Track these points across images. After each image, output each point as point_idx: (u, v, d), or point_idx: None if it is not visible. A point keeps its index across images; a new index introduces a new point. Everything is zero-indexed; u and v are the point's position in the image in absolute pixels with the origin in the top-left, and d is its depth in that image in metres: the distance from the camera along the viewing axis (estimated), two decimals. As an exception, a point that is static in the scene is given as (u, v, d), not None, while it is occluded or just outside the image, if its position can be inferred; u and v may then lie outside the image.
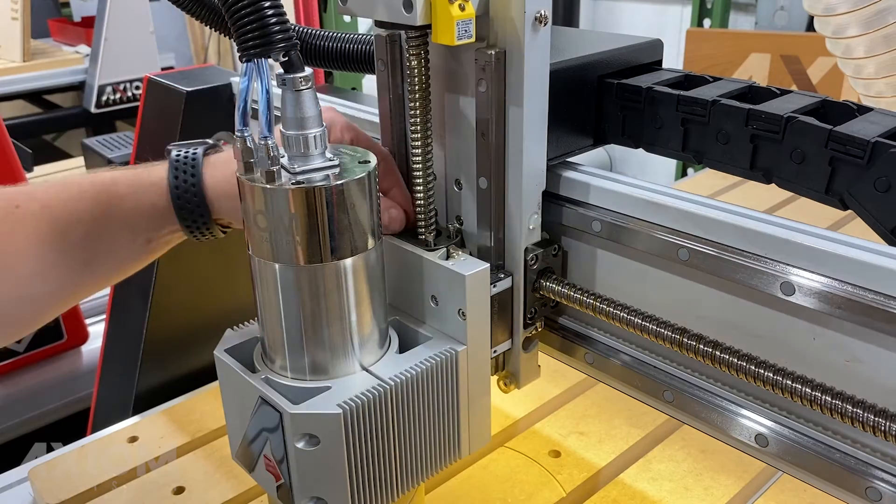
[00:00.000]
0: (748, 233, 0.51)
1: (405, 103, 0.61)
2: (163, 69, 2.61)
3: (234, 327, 0.60)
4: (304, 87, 0.49)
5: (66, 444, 0.94)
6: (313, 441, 0.51)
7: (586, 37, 0.68)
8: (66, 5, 3.34)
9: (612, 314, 0.58)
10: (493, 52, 0.53)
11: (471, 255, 0.60)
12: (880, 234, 0.50)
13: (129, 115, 2.75)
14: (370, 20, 0.55)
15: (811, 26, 2.02)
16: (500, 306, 0.61)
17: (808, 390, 0.48)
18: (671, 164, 2.56)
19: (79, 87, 2.79)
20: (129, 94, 2.74)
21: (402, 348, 0.58)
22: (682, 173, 2.33)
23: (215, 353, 0.58)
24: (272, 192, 0.48)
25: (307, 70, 0.49)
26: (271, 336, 0.54)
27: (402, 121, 0.62)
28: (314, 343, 0.53)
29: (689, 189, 0.74)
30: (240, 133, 0.48)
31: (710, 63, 2.05)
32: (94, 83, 2.67)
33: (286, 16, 0.49)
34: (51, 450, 0.93)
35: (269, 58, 0.49)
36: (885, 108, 0.53)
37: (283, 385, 0.53)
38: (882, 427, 0.45)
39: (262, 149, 0.48)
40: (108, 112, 2.73)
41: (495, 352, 0.63)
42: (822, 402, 0.47)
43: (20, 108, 2.88)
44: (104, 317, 1.24)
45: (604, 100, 0.62)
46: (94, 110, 2.69)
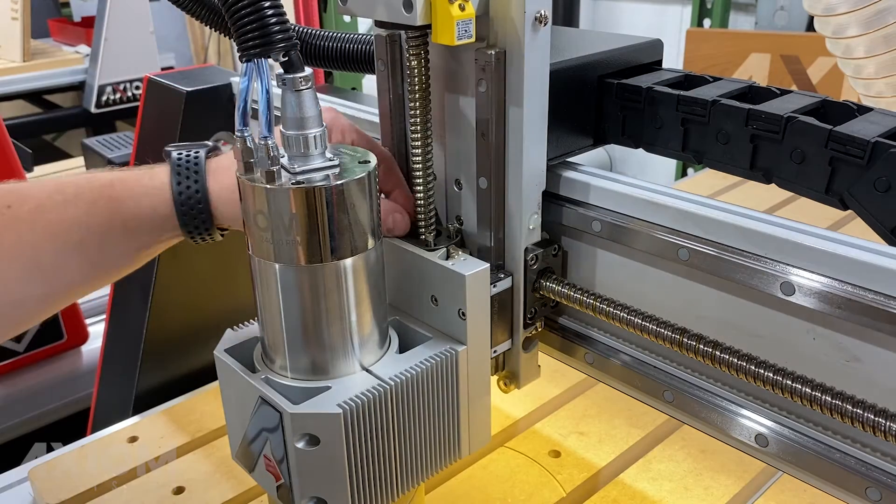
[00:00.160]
0: (748, 233, 0.51)
1: (405, 103, 0.61)
2: (163, 69, 2.61)
3: (234, 327, 0.60)
4: (304, 87, 0.49)
5: (66, 444, 0.94)
6: (313, 441, 0.51)
7: (586, 37, 0.68)
8: (66, 5, 3.34)
9: (612, 314, 0.58)
10: (493, 52, 0.53)
11: (471, 255, 0.60)
12: (880, 234, 0.50)
13: (129, 115, 2.75)
14: (370, 20, 0.55)
15: (811, 26, 2.02)
16: (500, 306, 0.61)
17: (808, 390, 0.48)
18: (671, 164, 2.56)
19: (79, 87, 2.79)
20: (129, 94, 2.74)
21: (402, 348, 0.58)
22: (682, 173, 2.33)
23: (215, 353, 0.58)
24: (272, 192, 0.48)
25: (307, 70, 0.49)
26: (271, 336, 0.54)
27: (402, 121, 0.62)
28: (314, 343, 0.53)
29: (689, 189, 0.74)
30: (240, 133, 0.48)
31: (710, 63, 2.05)
32: (94, 83, 2.67)
33: (286, 16, 0.49)
34: (51, 450, 0.93)
35: (269, 58, 0.49)
36: (885, 108, 0.53)
37: (283, 385, 0.53)
38: (882, 427, 0.45)
39: (262, 149, 0.48)
40: (108, 112, 2.73)
41: (495, 352, 0.63)
42: (822, 402, 0.47)
43: (20, 108, 2.88)
44: (104, 317, 1.24)
45: (604, 100, 0.62)
46: (94, 110, 2.69)
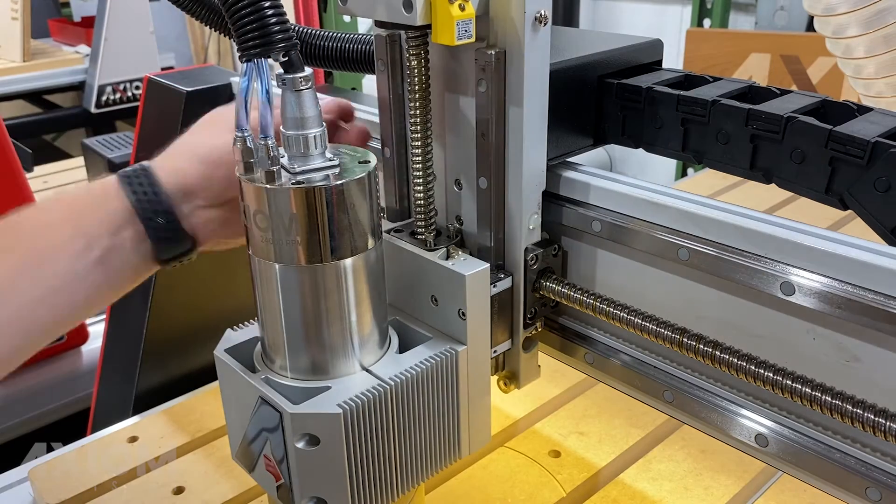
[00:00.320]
0: (748, 233, 0.51)
1: (405, 103, 0.61)
2: (163, 69, 2.61)
3: (234, 327, 0.60)
4: (304, 87, 0.49)
5: (66, 444, 0.94)
6: (313, 441, 0.51)
7: (586, 37, 0.68)
8: (66, 5, 3.34)
9: (612, 314, 0.58)
10: (493, 52, 0.53)
11: (471, 255, 0.60)
12: (880, 234, 0.50)
13: (129, 115, 2.75)
14: (370, 20, 0.55)
15: (811, 26, 2.02)
16: (500, 306, 0.61)
17: (808, 390, 0.48)
18: (671, 164, 2.56)
19: (79, 87, 2.80)
20: (129, 94, 2.74)
21: (402, 348, 0.58)
22: (682, 173, 2.33)
23: (215, 353, 0.58)
24: (272, 192, 0.48)
25: (307, 70, 0.49)
26: (271, 336, 0.54)
27: (402, 121, 0.62)
28: (314, 343, 0.53)
29: (689, 189, 0.74)
30: (240, 133, 0.48)
31: (710, 63, 2.05)
32: (94, 83, 2.67)
33: (286, 16, 0.49)
34: (51, 450, 0.93)
35: (269, 58, 0.49)
36: (885, 108, 0.53)
37: (283, 385, 0.53)
38: (882, 427, 0.45)
39: (262, 149, 0.48)
40: (108, 112, 2.73)
41: (495, 352, 0.63)
42: (822, 402, 0.47)
43: (20, 108, 2.88)
44: (104, 317, 1.24)
45: (604, 100, 0.62)
46: (94, 110, 2.69)
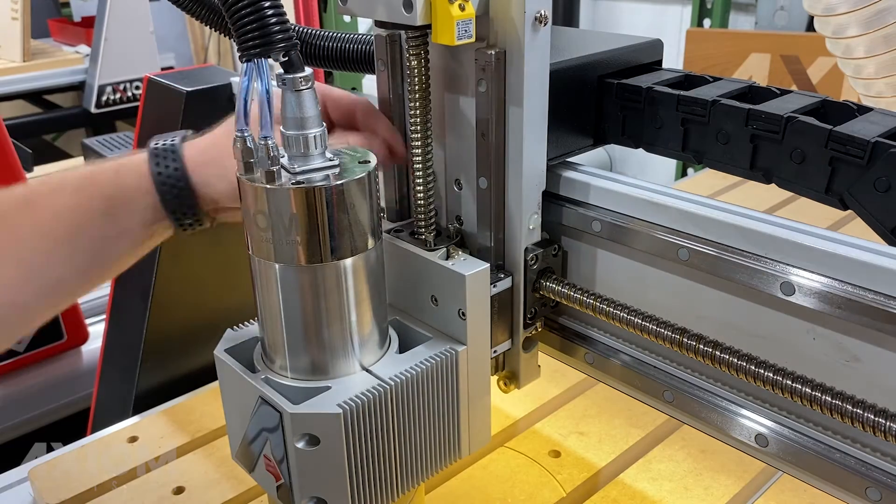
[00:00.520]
0: (748, 233, 0.51)
1: (405, 103, 0.61)
2: (163, 69, 2.61)
3: (234, 327, 0.60)
4: (304, 87, 0.49)
5: (66, 444, 0.94)
6: (313, 441, 0.51)
7: (586, 37, 0.68)
8: (66, 5, 3.34)
9: (612, 314, 0.58)
10: (493, 52, 0.53)
11: (471, 255, 0.60)
12: (880, 234, 0.50)
13: (129, 115, 2.75)
14: (370, 20, 0.55)
15: (811, 26, 2.02)
16: (500, 306, 0.61)
17: (808, 390, 0.48)
18: (671, 164, 2.55)
19: (79, 87, 2.79)
20: (129, 94, 2.74)
21: (402, 348, 0.58)
22: (682, 173, 2.33)
23: (215, 353, 0.58)
24: (272, 192, 0.48)
25: (307, 70, 0.49)
26: (271, 336, 0.54)
27: (402, 121, 0.62)
28: (314, 343, 0.53)
29: (689, 189, 0.74)
30: (240, 133, 0.48)
31: (710, 63, 2.05)
32: (94, 83, 2.67)
33: (286, 16, 0.49)
34: (51, 450, 0.93)
35: (269, 58, 0.49)
36: (885, 108, 0.53)
37: (283, 385, 0.53)
38: (882, 427, 0.45)
39: (262, 149, 0.48)
40: (108, 112, 2.73)
41: (495, 352, 0.63)
42: (822, 402, 0.47)
43: (20, 108, 2.88)
44: (104, 317, 1.24)
45: (604, 100, 0.62)
46: (94, 110, 2.69)
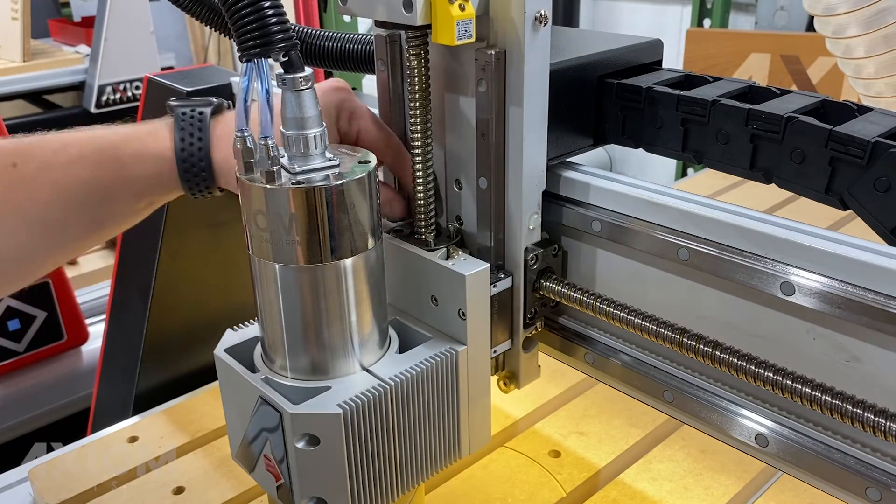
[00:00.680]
0: (748, 233, 0.51)
1: (405, 103, 0.61)
2: (163, 69, 2.61)
3: (234, 327, 0.60)
4: (304, 87, 0.49)
5: (66, 444, 0.94)
6: (313, 441, 0.51)
7: (586, 37, 0.68)
8: (66, 5, 3.33)
9: (612, 314, 0.58)
10: (493, 52, 0.53)
11: (471, 255, 0.60)
12: (880, 234, 0.50)
13: (129, 115, 2.75)
14: (370, 20, 0.55)
15: (811, 26, 2.02)
16: (500, 306, 0.61)
17: (808, 390, 0.48)
18: (671, 164, 2.56)
19: (79, 87, 2.79)
20: (129, 94, 2.73)
21: (402, 348, 0.58)
22: (682, 173, 2.33)
23: (215, 353, 0.58)
24: (272, 192, 0.48)
25: (307, 70, 0.49)
26: (271, 336, 0.54)
27: (402, 121, 0.62)
28: (314, 343, 0.53)
29: (689, 189, 0.74)
30: (240, 133, 0.48)
31: (710, 63, 2.05)
32: (94, 83, 2.66)
33: (286, 16, 0.49)
34: (51, 450, 0.93)
35: (269, 58, 0.49)
36: (885, 108, 0.53)
37: (283, 385, 0.53)
38: (882, 427, 0.45)
39: (262, 149, 0.48)
40: (108, 112, 2.73)
41: (495, 352, 0.63)
42: (822, 402, 0.47)
43: (20, 108, 2.88)
44: (104, 317, 1.24)
45: (604, 100, 0.62)
46: (94, 110, 2.69)
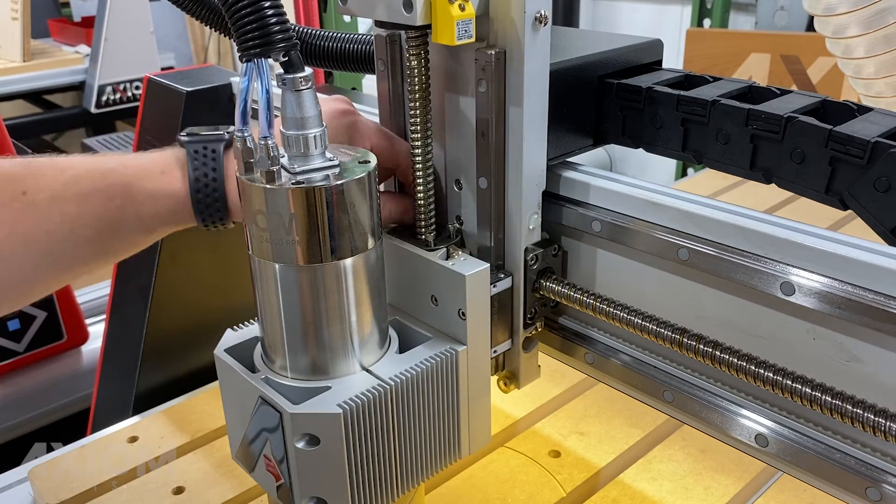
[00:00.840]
0: (748, 233, 0.51)
1: (405, 103, 0.61)
2: (163, 69, 2.61)
3: (234, 327, 0.60)
4: (304, 87, 0.49)
5: (66, 444, 0.94)
6: (313, 441, 0.51)
7: (586, 37, 0.68)
8: (66, 5, 3.34)
9: (612, 314, 0.58)
10: (493, 52, 0.53)
11: (471, 255, 0.60)
12: (880, 234, 0.50)
13: (129, 115, 2.75)
14: (370, 20, 0.55)
15: (811, 26, 2.02)
16: (500, 306, 0.61)
17: (808, 390, 0.48)
18: (671, 164, 2.56)
19: (79, 87, 2.79)
20: (129, 94, 2.74)
21: (402, 348, 0.58)
22: (682, 173, 2.33)
23: (215, 353, 0.58)
24: (272, 192, 0.48)
25: (307, 70, 0.49)
26: (271, 336, 0.54)
27: (402, 121, 0.62)
28: (314, 343, 0.53)
29: (689, 189, 0.74)
30: (240, 133, 0.48)
31: (710, 63, 2.05)
32: (94, 83, 2.67)
33: (286, 16, 0.49)
34: (51, 450, 0.93)
35: (269, 58, 0.49)
36: (885, 108, 0.53)
37: (283, 385, 0.53)
38: (882, 427, 0.45)
39: (262, 149, 0.48)
40: (108, 112, 2.73)
41: (495, 352, 0.63)
42: (822, 402, 0.47)
43: (20, 108, 2.88)
44: (104, 317, 1.24)
45: (604, 100, 0.62)
46: (94, 110, 2.69)
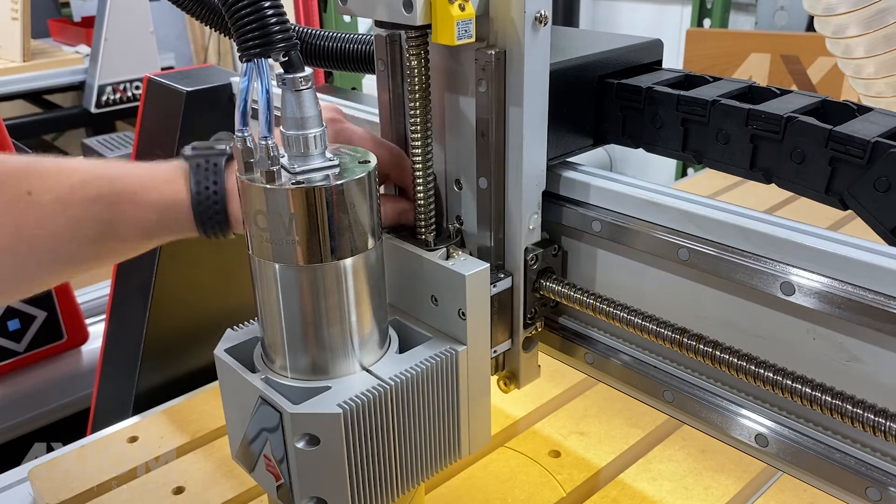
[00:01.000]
0: (748, 233, 0.51)
1: (405, 103, 0.61)
2: (163, 69, 2.61)
3: (234, 327, 0.60)
4: (304, 87, 0.49)
5: (66, 444, 0.94)
6: (313, 441, 0.51)
7: (586, 37, 0.68)
8: (66, 5, 3.34)
9: (612, 314, 0.58)
10: (493, 52, 0.53)
11: (471, 255, 0.60)
12: (880, 234, 0.50)
13: (129, 115, 2.75)
14: (370, 20, 0.55)
15: (811, 26, 2.02)
16: (500, 306, 0.61)
17: (808, 390, 0.48)
18: (671, 164, 2.56)
19: (79, 87, 2.80)
20: (129, 94, 2.74)
21: (402, 348, 0.58)
22: (682, 173, 2.33)
23: (215, 353, 0.58)
24: (272, 192, 0.48)
25: (307, 70, 0.49)
26: (271, 336, 0.54)
27: (402, 121, 0.62)
28: (314, 343, 0.53)
29: (689, 189, 0.74)
30: (240, 133, 0.48)
31: (710, 63, 2.05)
32: (94, 83, 2.67)
33: (286, 16, 0.49)
34: (51, 450, 0.93)
35: (269, 58, 0.49)
36: (885, 108, 0.53)
37: (283, 385, 0.53)
38: (882, 427, 0.45)
39: (262, 149, 0.48)
40: (108, 112, 2.73)
41: (495, 352, 0.63)
42: (822, 402, 0.47)
43: (20, 108, 2.88)
44: (104, 317, 1.24)
45: (604, 100, 0.62)
46: (94, 110, 2.70)
